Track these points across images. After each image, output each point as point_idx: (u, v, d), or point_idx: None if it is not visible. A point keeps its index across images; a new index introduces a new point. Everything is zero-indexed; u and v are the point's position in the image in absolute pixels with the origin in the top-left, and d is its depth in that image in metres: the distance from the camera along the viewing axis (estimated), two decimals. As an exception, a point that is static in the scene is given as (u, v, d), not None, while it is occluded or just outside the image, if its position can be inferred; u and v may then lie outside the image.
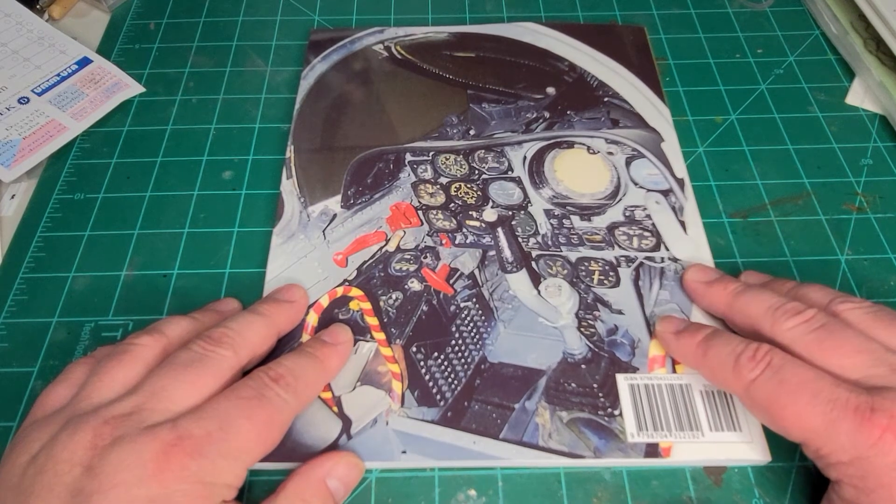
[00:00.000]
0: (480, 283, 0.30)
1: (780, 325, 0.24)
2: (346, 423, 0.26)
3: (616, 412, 0.26)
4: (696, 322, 0.28)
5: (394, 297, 0.30)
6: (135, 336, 0.25)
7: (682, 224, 0.32)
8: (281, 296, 0.28)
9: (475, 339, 0.29)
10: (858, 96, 0.38)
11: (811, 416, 0.21)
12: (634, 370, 0.27)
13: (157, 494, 0.20)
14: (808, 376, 0.22)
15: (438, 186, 0.34)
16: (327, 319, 0.29)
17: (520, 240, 0.32)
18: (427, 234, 0.32)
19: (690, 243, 0.31)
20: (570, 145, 0.35)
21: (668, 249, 0.31)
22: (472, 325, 0.29)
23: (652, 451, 0.25)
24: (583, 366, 0.28)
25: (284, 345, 0.28)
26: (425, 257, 0.31)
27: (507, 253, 0.31)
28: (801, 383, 0.22)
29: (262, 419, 0.23)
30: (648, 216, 0.32)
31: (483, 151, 0.35)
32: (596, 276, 0.30)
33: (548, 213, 0.32)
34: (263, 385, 0.23)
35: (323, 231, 0.32)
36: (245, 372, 0.25)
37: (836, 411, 0.21)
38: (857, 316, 0.24)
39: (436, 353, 0.28)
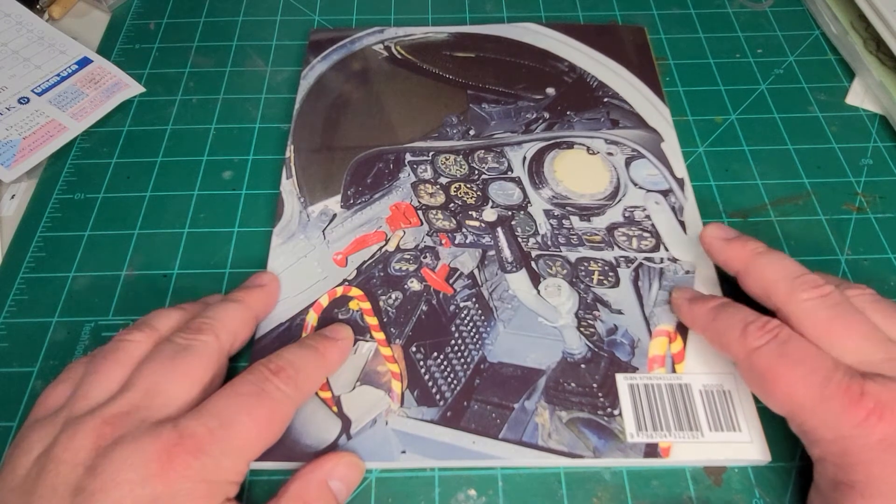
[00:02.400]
0: (480, 283, 0.30)
1: (798, 293, 0.24)
2: (346, 422, 0.26)
3: (615, 412, 0.26)
4: (709, 294, 0.28)
5: (393, 296, 0.30)
6: (126, 332, 0.25)
7: (682, 224, 0.32)
8: (251, 282, 0.29)
9: (475, 339, 0.29)
10: (858, 96, 0.38)
11: (804, 389, 0.22)
12: (634, 370, 0.27)
13: (161, 493, 0.20)
14: (809, 353, 0.22)
15: (438, 186, 0.34)
16: (327, 319, 0.29)
17: (519, 240, 0.32)
18: (427, 234, 0.32)
19: (690, 244, 0.31)
20: (570, 146, 0.35)
21: (667, 250, 0.31)
22: (471, 324, 0.29)
23: (651, 451, 0.25)
24: (582, 365, 0.28)
25: (285, 344, 0.28)
26: (425, 257, 0.31)
27: (506, 253, 0.31)
28: (801, 358, 0.22)
29: (263, 414, 0.23)
30: (648, 217, 0.32)
31: (483, 152, 0.35)
32: (595, 276, 0.30)
33: (547, 213, 0.32)
34: (263, 379, 0.23)
35: (323, 231, 0.32)
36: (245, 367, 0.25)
37: (828, 389, 0.21)
38: (861, 303, 0.24)
39: (435, 353, 0.28)
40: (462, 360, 0.28)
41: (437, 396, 0.27)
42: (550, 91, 0.38)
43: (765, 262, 0.26)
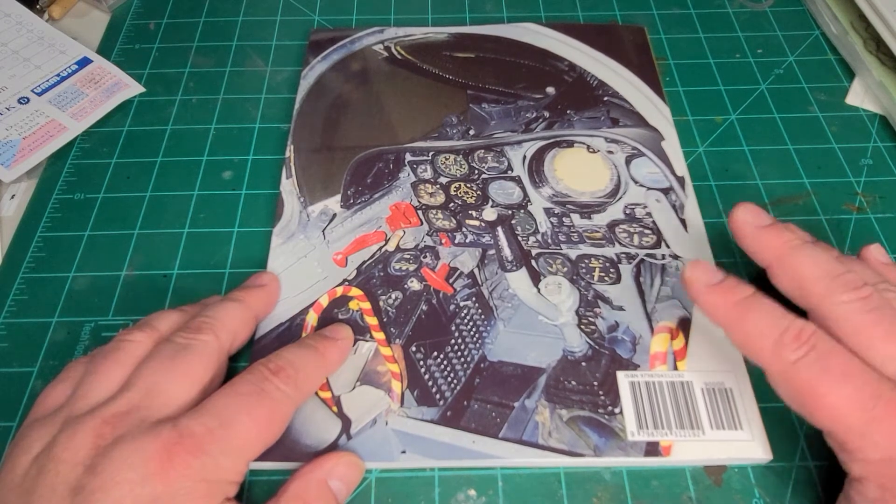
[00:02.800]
0: (480, 282, 0.30)
1: (836, 295, 0.22)
2: (346, 423, 0.26)
3: (616, 410, 0.26)
4: (733, 277, 0.24)
5: (393, 296, 0.30)
6: (127, 332, 0.25)
7: (683, 222, 0.32)
8: (251, 282, 0.29)
9: (475, 338, 0.29)
10: (858, 96, 0.38)
11: (851, 408, 0.20)
12: (635, 367, 0.27)
13: (161, 493, 0.20)
14: (854, 368, 0.21)
15: (438, 186, 0.34)
16: (327, 319, 0.29)
17: (519, 238, 0.32)
18: (427, 234, 0.32)
19: (691, 241, 0.31)
20: (570, 144, 0.35)
21: (668, 247, 0.31)
22: (471, 324, 0.29)
23: (652, 449, 0.25)
24: (583, 363, 0.28)
25: (285, 344, 0.28)
26: (425, 257, 0.31)
27: (506, 251, 0.31)
28: (846, 374, 0.20)
29: (263, 414, 0.23)
30: (649, 214, 0.32)
31: (483, 151, 0.35)
32: (596, 273, 0.30)
33: (547, 211, 0.32)
34: (263, 379, 0.23)
35: (323, 231, 0.32)
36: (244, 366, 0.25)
37: (878, 408, 0.20)
38: None
39: (435, 353, 0.28)
40: (462, 360, 0.28)
41: (437, 396, 0.27)
42: (550, 90, 0.38)
43: (800, 257, 0.23)
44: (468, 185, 0.34)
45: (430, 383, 0.27)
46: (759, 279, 0.25)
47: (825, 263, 0.23)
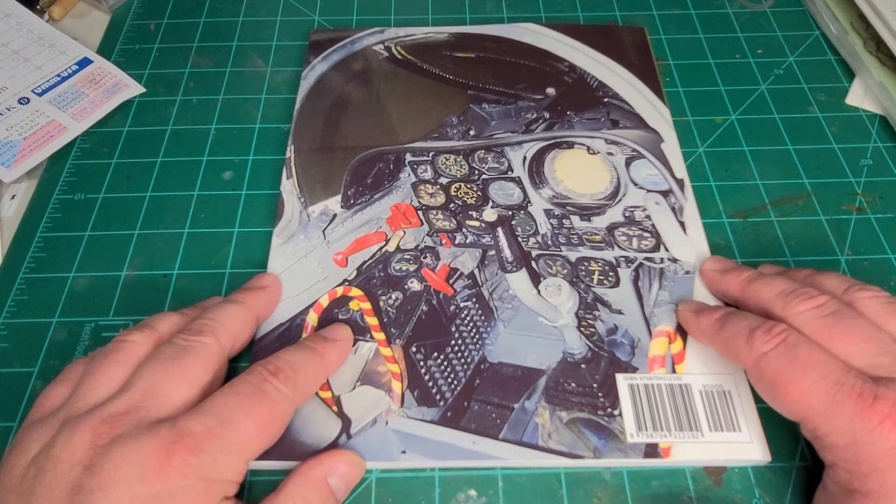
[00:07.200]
0: (480, 283, 0.30)
1: (791, 308, 0.24)
2: (346, 422, 0.26)
3: (616, 412, 0.26)
4: (716, 304, 0.28)
5: (393, 297, 0.30)
6: (126, 333, 0.25)
7: (682, 225, 0.32)
8: (253, 284, 0.29)
9: (475, 339, 0.29)
10: (858, 97, 0.38)
11: (815, 394, 0.21)
12: (634, 370, 0.27)
13: (159, 491, 0.20)
14: (820, 357, 0.22)
15: (438, 186, 0.34)
16: (327, 319, 0.29)
17: (519, 239, 0.32)
18: (427, 234, 0.32)
19: (690, 244, 0.31)
20: (570, 145, 0.35)
21: (667, 250, 0.31)
22: (471, 324, 0.29)
23: (651, 451, 0.25)
24: (582, 365, 0.28)
25: (285, 345, 0.28)
26: (425, 257, 0.31)
27: (506, 252, 0.31)
28: (811, 362, 0.22)
29: (262, 414, 0.23)
30: (648, 217, 0.32)
31: (483, 152, 0.35)
32: (596, 276, 0.30)
33: (548, 212, 0.32)
34: (262, 379, 0.23)
35: (323, 231, 0.32)
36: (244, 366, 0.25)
37: (840, 394, 0.21)
38: (873, 305, 0.24)
39: (435, 353, 0.28)
40: (462, 361, 0.28)
41: (438, 396, 0.27)
42: (550, 91, 0.38)
43: (758, 285, 0.26)
44: (468, 186, 0.34)
45: (431, 384, 0.27)
46: None
47: (780, 284, 0.25)
